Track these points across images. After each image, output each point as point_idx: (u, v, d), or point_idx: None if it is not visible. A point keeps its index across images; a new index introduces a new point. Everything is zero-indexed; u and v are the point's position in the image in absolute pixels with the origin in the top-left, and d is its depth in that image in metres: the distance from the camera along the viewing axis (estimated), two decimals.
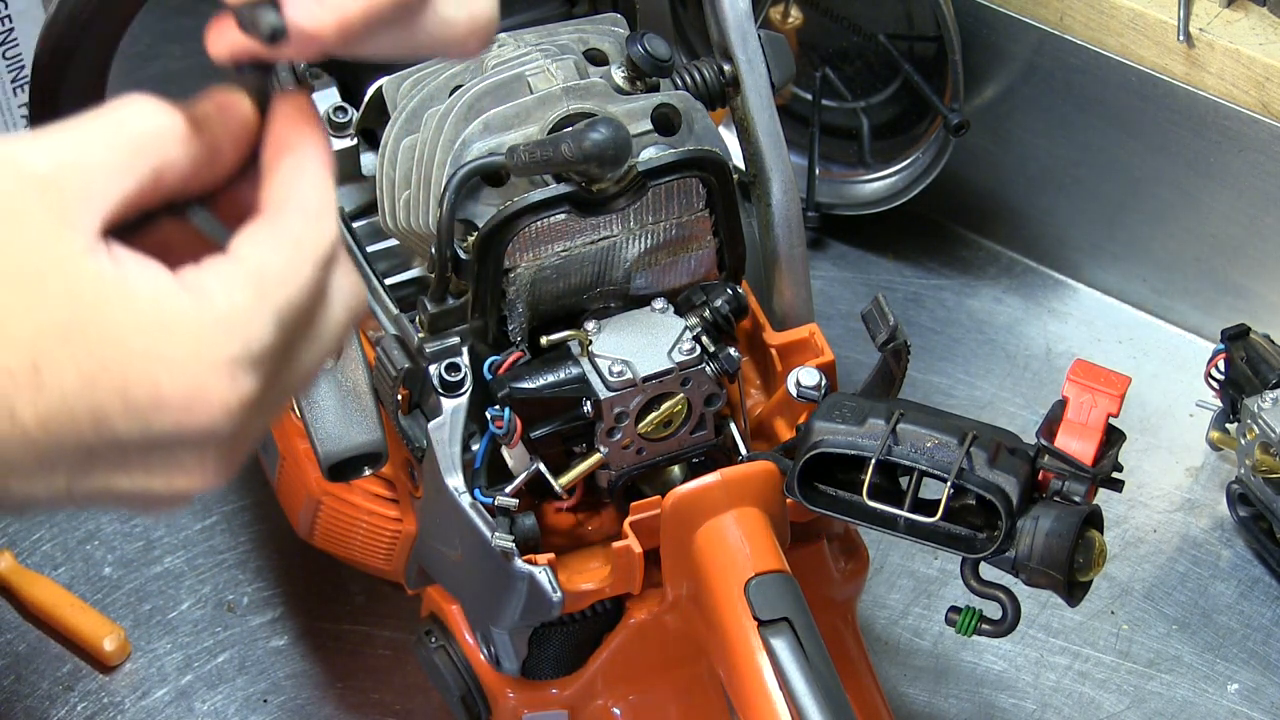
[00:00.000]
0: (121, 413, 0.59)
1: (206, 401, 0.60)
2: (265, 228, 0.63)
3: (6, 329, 0.58)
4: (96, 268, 0.60)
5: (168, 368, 0.59)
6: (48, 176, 0.60)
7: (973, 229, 1.41)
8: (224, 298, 0.61)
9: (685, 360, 0.95)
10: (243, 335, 0.60)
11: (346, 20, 0.63)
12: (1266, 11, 1.21)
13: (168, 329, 0.60)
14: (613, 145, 0.90)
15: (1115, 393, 0.91)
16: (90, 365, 0.59)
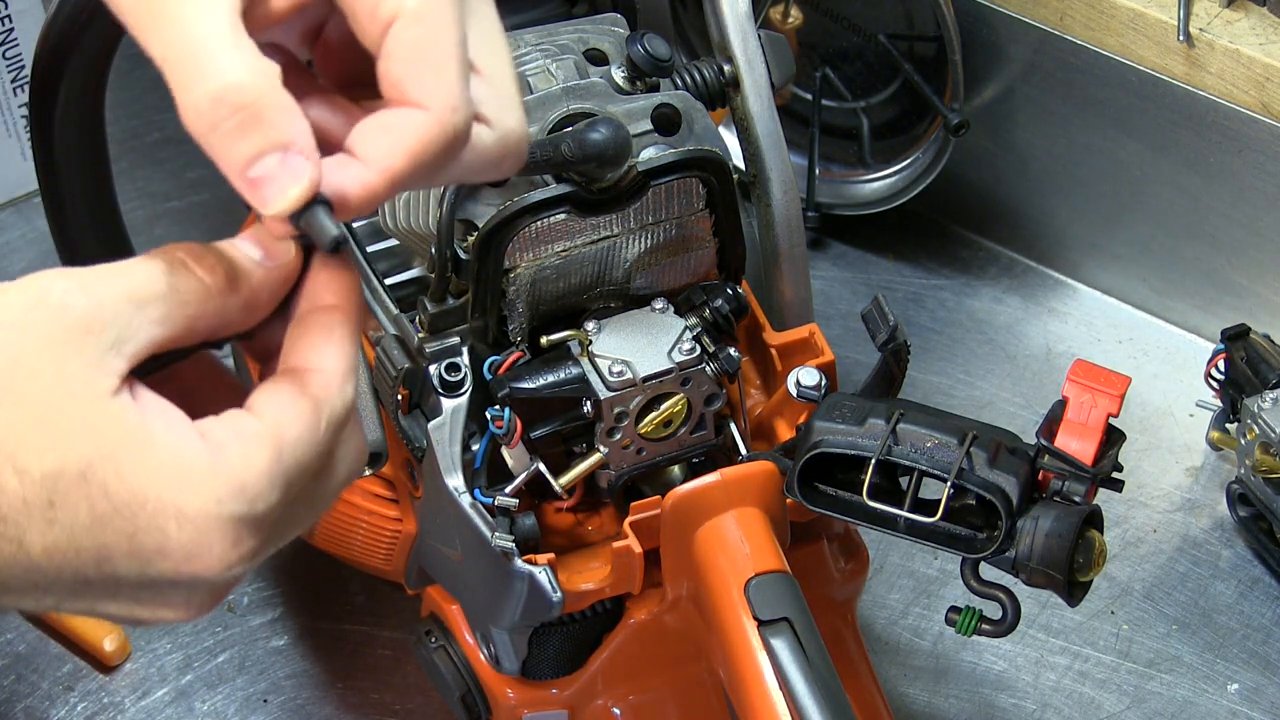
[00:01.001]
0: (125, 554, 0.62)
1: (207, 556, 0.62)
2: (287, 389, 0.65)
3: (27, 463, 0.60)
4: (120, 411, 0.61)
5: (177, 519, 0.61)
6: (85, 317, 0.62)
7: (973, 229, 1.41)
8: (239, 455, 0.63)
9: (685, 360, 0.95)
10: (251, 496, 0.62)
11: (392, 173, 0.64)
12: (1266, 11, 1.21)
13: (182, 480, 0.61)
14: (613, 145, 0.90)
15: (1115, 393, 0.91)
16: (103, 507, 0.61)
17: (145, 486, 0.61)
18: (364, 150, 0.64)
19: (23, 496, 0.60)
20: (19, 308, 0.62)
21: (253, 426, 0.63)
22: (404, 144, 0.63)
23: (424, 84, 0.64)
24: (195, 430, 0.63)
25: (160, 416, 0.62)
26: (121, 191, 1.17)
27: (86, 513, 0.61)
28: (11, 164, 1.37)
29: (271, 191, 0.63)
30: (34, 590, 0.63)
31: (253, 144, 0.62)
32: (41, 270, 0.64)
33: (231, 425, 0.63)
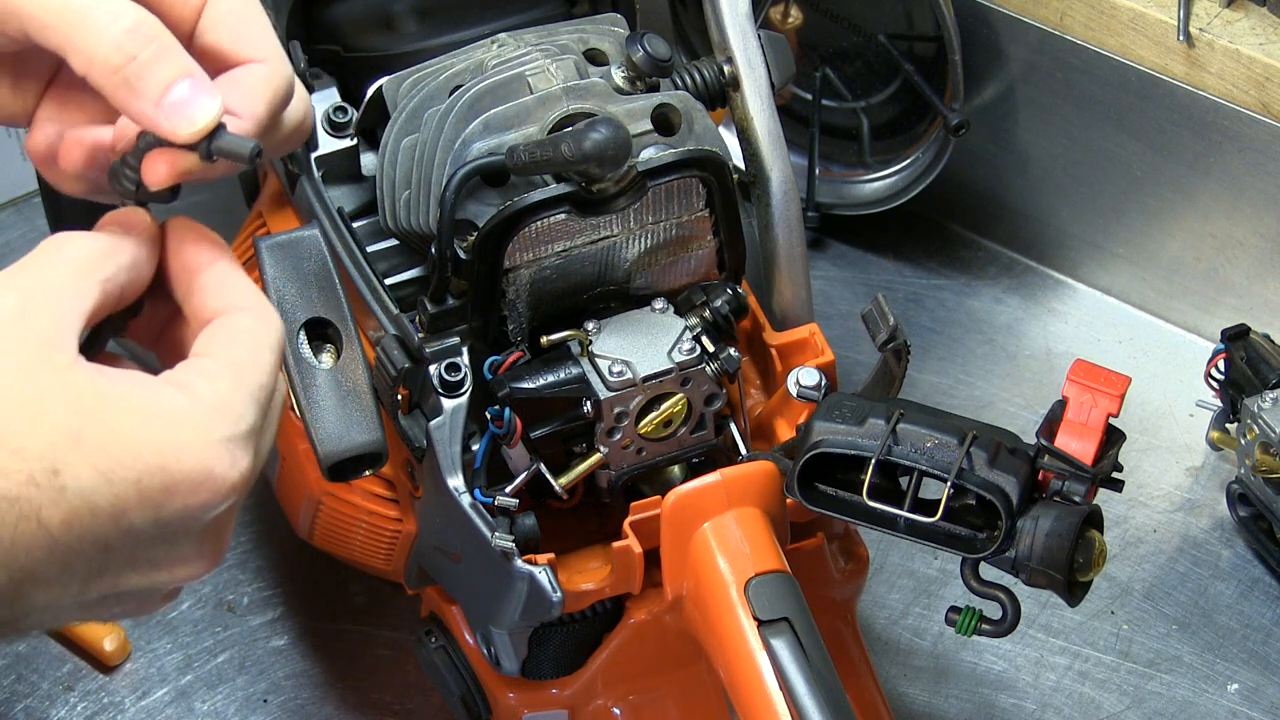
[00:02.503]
0: (137, 502, 0.65)
1: (212, 479, 0.66)
2: (223, 327, 0.70)
3: (22, 444, 0.63)
4: (88, 377, 0.66)
5: (175, 454, 0.65)
6: (21, 308, 0.66)
7: (973, 229, 1.41)
8: (208, 388, 0.67)
9: (685, 360, 0.95)
10: (232, 417, 0.67)
11: (258, 119, 0.73)
12: (1266, 11, 1.21)
13: (168, 420, 0.66)
14: (613, 145, 0.90)
15: (1115, 393, 0.91)
16: (105, 461, 0.64)
17: (137, 434, 0.65)
18: (235, 106, 0.72)
19: (28, 473, 0.63)
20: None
21: (210, 364, 0.69)
22: (259, 92, 0.72)
23: (255, 42, 0.73)
24: (162, 380, 0.67)
25: (125, 377, 0.67)
26: None
27: (91, 472, 0.64)
28: (11, 164, 1.37)
29: (190, 112, 0.69)
30: (60, 572, 0.65)
31: (169, 70, 0.69)
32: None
33: (192, 368, 0.68)
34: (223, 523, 0.69)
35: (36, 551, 0.64)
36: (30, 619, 0.67)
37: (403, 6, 1.07)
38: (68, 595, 0.66)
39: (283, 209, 1.09)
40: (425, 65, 1.01)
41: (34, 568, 0.64)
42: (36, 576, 0.65)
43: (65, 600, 0.67)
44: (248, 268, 1.12)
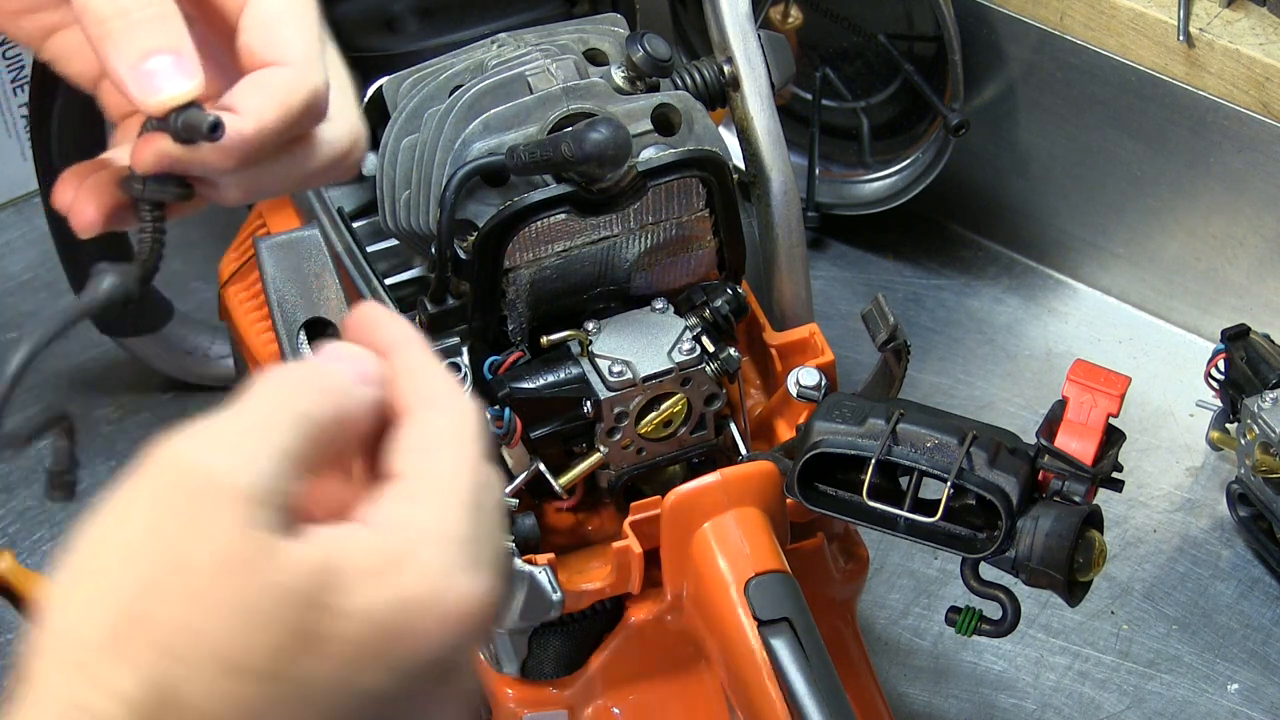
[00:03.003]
0: (386, 675, 0.57)
1: (469, 607, 0.58)
2: (416, 433, 0.61)
3: (245, 660, 0.55)
4: (309, 557, 0.57)
5: (406, 613, 0.57)
6: (253, 497, 0.56)
7: (973, 229, 1.41)
8: (428, 512, 0.59)
9: (685, 360, 0.95)
10: (456, 538, 0.59)
11: (263, 123, 0.68)
12: (1266, 11, 1.21)
13: (389, 576, 0.57)
14: (613, 145, 0.90)
15: (1115, 393, 0.91)
16: (336, 648, 0.56)
17: (363, 607, 0.57)
18: (238, 103, 0.68)
19: (256, 693, 0.55)
20: (155, 502, 0.57)
21: (417, 486, 0.60)
22: (272, 96, 0.68)
23: (286, 45, 0.69)
24: (361, 524, 0.59)
25: (329, 541, 0.58)
26: None
27: (327, 666, 0.56)
28: (11, 164, 1.37)
29: (160, 83, 0.66)
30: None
31: (155, 39, 0.66)
32: (160, 444, 0.57)
33: (401, 493, 0.60)
34: (463, 661, 0.61)
35: None
36: None
37: (403, 7, 1.07)
38: None
39: (283, 209, 1.09)
40: (425, 65, 1.01)
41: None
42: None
43: None
44: (248, 268, 1.13)
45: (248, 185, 0.71)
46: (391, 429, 0.61)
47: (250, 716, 0.55)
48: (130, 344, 1.24)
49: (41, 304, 1.34)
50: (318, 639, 0.56)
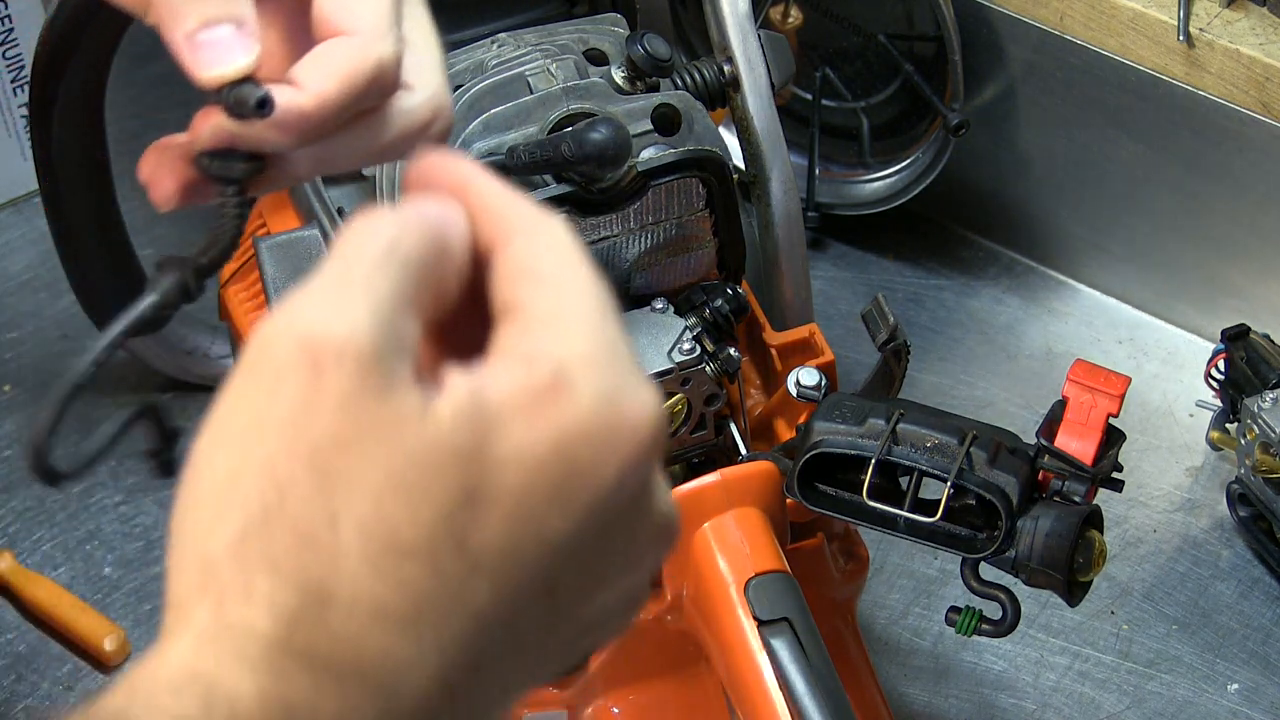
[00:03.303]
0: (559, 517, 0.51)
1: (641, 425, 0.52)
2: (522, 260, 0.55)
3: (410, 535, 0.49)
4: (453, 406, 0.51)
5: (568, 440, 0.51)
6: (377, 352, 0.50)
7: (973, 229, 1.41)
8: (567, 339, 0.53)
9: (685, 360, 0.95)
10: (605, 355, 0.53)
11: (323, 96, 0.63)
12: (1266, 11, 1.21)
13: (543, 409, 0.51)
14: (613, 145, 0.90)
15: (1115, 393, 0.91)
16: (503, 501, 0.50)
17: (519, 449, 0.50)
18: (300, 76, 0.64)
19: (430, 568, 0.49)
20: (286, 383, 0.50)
21: (546, 310, 0.53)
22: (334, 67, 0.63)
23: (355, 13, 0.64)
24: (498, 361, 0.53)
25: (472, 383, 0.51)
26: (121, 191, 1.17)
27: (497, 521, 0.50)
28: (11, 164, 1.37)
29: (217, 55, 0.63)
30: (509, 649, 0.52)
31: (216, 9, 0.63)
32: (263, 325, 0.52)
33: (529, 322, 0.53)
34: (650, 483, 0.54)
35: (471, 636, 0.50)
36: (492, 708, 0.53)
37: None
38: (523, 665, 0.53)
39: (283, 209, 1.09)
40: None
41: (477, 659, 0.51)
42: (482, 663, 0.51)
43: (521, 673, 0.53)
44: (248, 268, 1.12)
45: (317, 160, 0.66)
46: (490, 264, 0.55)
47: (418, 600, 0.49)
48: (130, 344, 1.24)
49: (41, 304, 1.34)
50: (482, 498, 0.50)
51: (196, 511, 0.50)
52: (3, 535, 1.21)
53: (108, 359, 0.63)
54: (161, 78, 1.42)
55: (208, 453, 0.51)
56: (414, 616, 0.49)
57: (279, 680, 0.48)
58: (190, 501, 0.51)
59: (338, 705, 0.48)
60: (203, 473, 0.51)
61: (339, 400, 0.49)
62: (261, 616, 0.48)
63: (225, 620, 0.49)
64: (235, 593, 0.49)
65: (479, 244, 0.55)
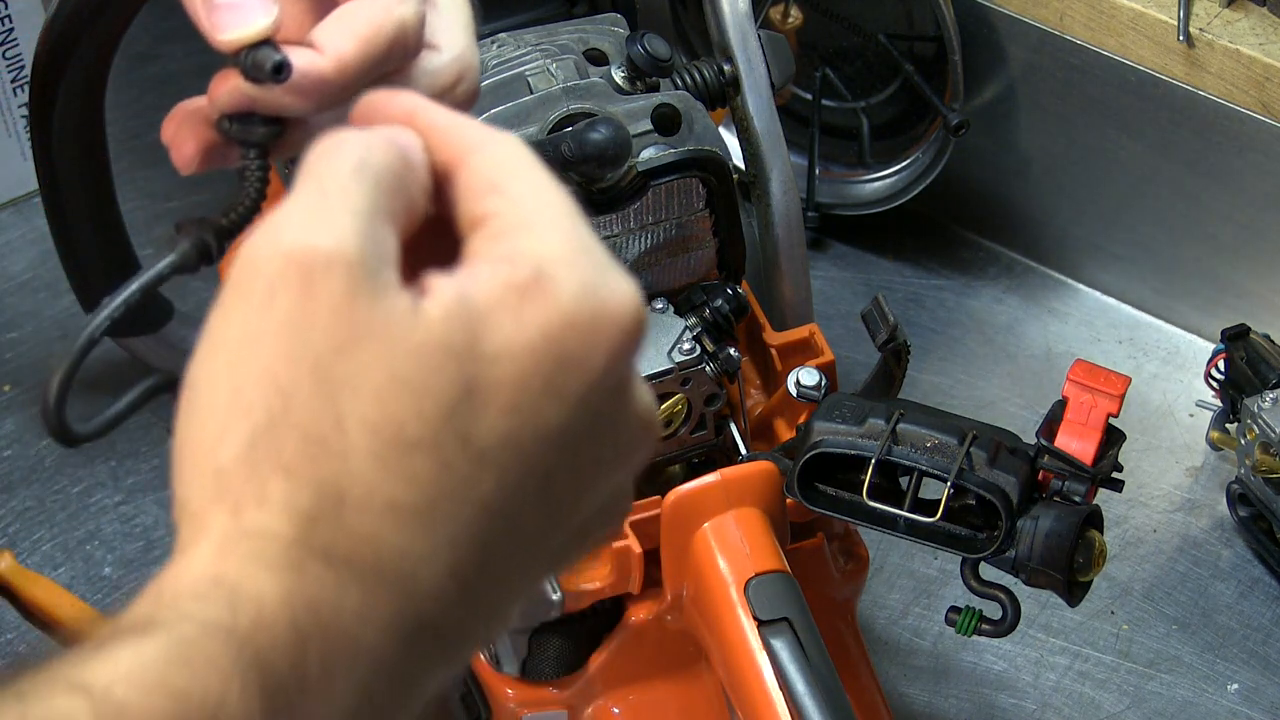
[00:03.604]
0: (555, 405, 0.53)
1: (624, 312, 0.54)
2: (484, 173, 0.56)
3: (413, 431, 0.51)
4: (443, 305, 0.52)
5: (560, 321, 0.53)
6: (363, 260, 0.52)
7: (973, 229, 1.41)
8: (542, 238, 0.54)
9: (685, 360, 0.95)
10: (580, 249, 0.54)
11: (342, 59, 0.63)
12: (1266, 11, 1.21)
13: (531, 296, 0.53)
14: (613, 145, 0.90)
15: (1115, 393, 0.91)
16: (503, 391, 0.52)
17: (511, 340, 0.52)
18: (320, 39, 0.63)
19: (437, 461, 0.50)
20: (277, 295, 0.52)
21: (515, 214, 0.55)
22: (355, 29, 0.62)
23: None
24: (478, 264, 0.54)
25: (454, 284, 0.53)
26: (121, 191, 1.17)
27: (495, 413, 0.51)
28: (11, 164, 1.37)
29: (236, 17, 0.61)
30: (510, 539, 0.53)
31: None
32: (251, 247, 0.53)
33: (501, 228, 0.55)
34: (632, 375, 0.56)
35: (479, 529, 0.52)
36: (500, 601, 0.54)
37: None
38: (525, 563, 0.54)
39: None
40: None
41: (484, 552, 0.52)
42: (488, 557, 0.53)
43: (523, 571, 0.54)
44: None
45: (340, 123, 0.63)
46: (451, 183, 0.56)
47: (428, 493, 0.51)
48: (130, 344, 1.24)
49: (42, 304, 1.34)
50: (479, 390, 0.51)
51: (202, 427, 0.51)
52: (3, 535, 1.21)
53: (121, 316, 0.62)
54: (161, 78, 1.42)
55: (206, 370, 0.52)
56: (426, 510, 0.50)
57: (301, 579, 0.49)
58: (193, 419, 0.52)
59: (359, 601, 0.49)
60: (203, 390, 0.52)
61: (334, 307, 0.51)
62: (278, 519, 0.49)
63: (243, 525, 0.50)
64: (250, 498, 0.50)
65: (435, 166, 0.56)
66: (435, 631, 0.52)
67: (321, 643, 0.49)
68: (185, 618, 0.49)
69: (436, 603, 0.51)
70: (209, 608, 0.49)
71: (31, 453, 1.26)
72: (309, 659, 0.49)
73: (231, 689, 0.48)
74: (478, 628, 0.54)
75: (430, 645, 0.52)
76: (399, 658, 0.51)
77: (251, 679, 0.48)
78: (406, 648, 0.51)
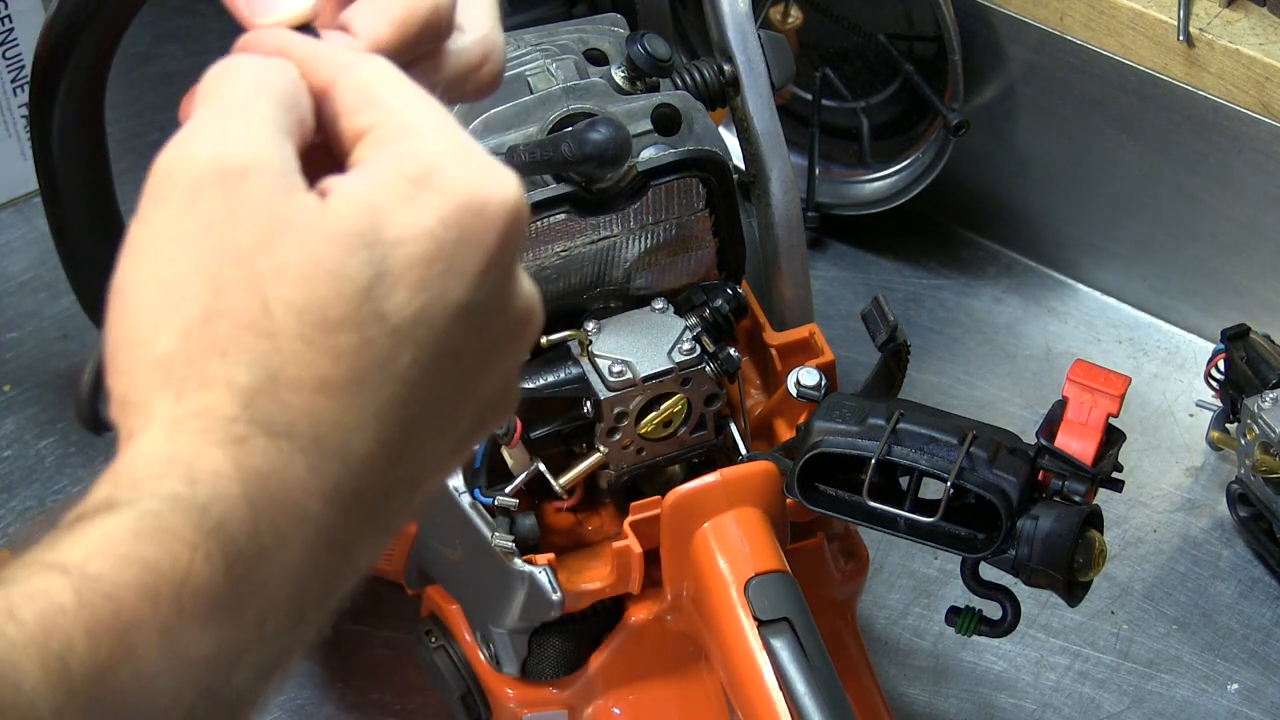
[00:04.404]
0: (457, 281, 0.57)
1: (510, 197, 0.58)
2: (356, 92, 0.60)
3: (332, 314, 0.55)
4: (349, 200, 0.57)
5: (455, 208, 0.57)
6: (274, 164, 0.57)
7: (973, 229, 1.41)
8: (427, 137, 0.59)
9: (685, 360, 0.95)
10: (464, 144, 0.59)
11: (379, 42, 0.63)
12: (1266, 11, 1.21)
13: (433, 185, 0.57)
14: (613, 145, 0.90)
15: (1115, 393, 0.91)
16: (413, 271, 0.56)
17: (414, 222, 0.56)
18: (355, 22, 0.64)
19: (359, 338, 0.55)
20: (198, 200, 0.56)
21: (397, 122, 0.59)
22: (389, 14, 0.64)
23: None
24: (372, 165, 0.58)
25: (357, 178, 0.58)
26: (121, 191, 1.17)
27: (405, 291, 0.56)
28: (11, 164, 1.37)
29: (275, 1, 0.62)
30: (430, 412, 0.57)
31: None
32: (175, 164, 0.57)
33: (386, 135, 0.59)
34: (517, 262, 0.60)
35: (401, 400, 0.56)
36: (420, 474, 0.58)
37: None
38: (440, 438, 0.58)
39: None
40: None
41: (406, 423, 0.56)
42: (410, 428, 0.57)
43: (439, 446, 0.58)
44: None
45: None
46: (328, 103, 0.60)
47: (354, 368, 0.55)
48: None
49: (41, 304, 1.34)
50: (389, 271, 0.56)
51: (136, 324, 0.55)
52: (2, 535, 1.21)
53: None
54: (161, 78, 1.42)
55: (134, 273, 0.56)
56: (353, 384, 0.55)
57: (248, 452, 0.53)
58: (126, 318, 0.55)
59: (303, 471, 0.54)
60: (132, 290, 0.55)
61: (253, 205, 0.55)
62: (220, 397, 0.53)
63: (188, 407, 0.54)
64: (192, 381, 0.54)
65: (311, 90, 0.60)
66: (367, 500, 0.56)
67: (272, 512, 0.53)
68: (147, 495, 0.52)
69: (368, 472, 0.55)
70: (168, 484, 0.52)
71: (31, 453, 1.26)
72: (262, 528, 0.53)
73: (196, 558, 0.52)
74: (401, 498, 0.58)
75: (363, 514, 0.56)
76: (338, 526, 0.55)
77: (214, 548, 0.52)
78: (344, 516, 0.55)
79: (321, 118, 0.60)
